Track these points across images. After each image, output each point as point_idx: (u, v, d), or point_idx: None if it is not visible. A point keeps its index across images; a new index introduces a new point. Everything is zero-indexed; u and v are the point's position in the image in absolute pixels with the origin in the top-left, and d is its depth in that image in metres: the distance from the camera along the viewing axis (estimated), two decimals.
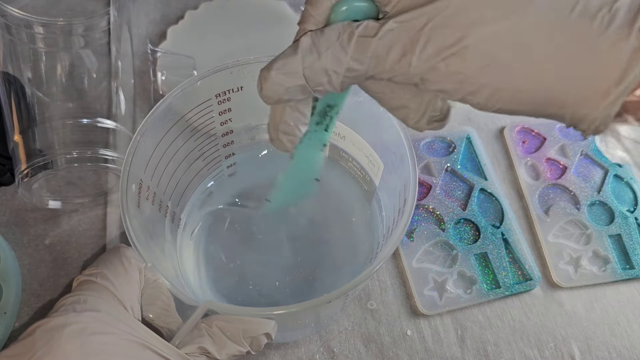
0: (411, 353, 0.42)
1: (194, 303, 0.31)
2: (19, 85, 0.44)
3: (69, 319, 0.28)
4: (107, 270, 0.32)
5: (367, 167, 0.40)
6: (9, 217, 0.45)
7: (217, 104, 0.39)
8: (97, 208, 0.46)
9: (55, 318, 0.29)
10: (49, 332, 0.28)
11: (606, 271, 0.46)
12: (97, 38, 0.47)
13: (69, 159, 0.41)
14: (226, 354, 0.32)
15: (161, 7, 0.58)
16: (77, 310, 0.29)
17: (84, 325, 0.28)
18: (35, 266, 0.44)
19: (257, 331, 0.32)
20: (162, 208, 0.38)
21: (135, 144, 0.34)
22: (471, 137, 0.52)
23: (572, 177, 0.50)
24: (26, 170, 0.41)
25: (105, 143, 0.43)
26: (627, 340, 0.44)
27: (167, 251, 0.39)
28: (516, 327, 0.44)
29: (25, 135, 0.42)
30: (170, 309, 0.33)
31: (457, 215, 0.48)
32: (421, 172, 0.50)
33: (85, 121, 0.43)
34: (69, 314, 0.29)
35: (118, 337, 0.29)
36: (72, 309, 0.29)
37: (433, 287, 0.44)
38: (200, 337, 0.31)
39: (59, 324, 0.28)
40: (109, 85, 0.46)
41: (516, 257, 0.46)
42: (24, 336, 0.28)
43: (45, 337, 0.28)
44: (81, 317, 0.29)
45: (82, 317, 0.29)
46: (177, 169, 0.39)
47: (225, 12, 0.56)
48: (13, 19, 0.44)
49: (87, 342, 0.28)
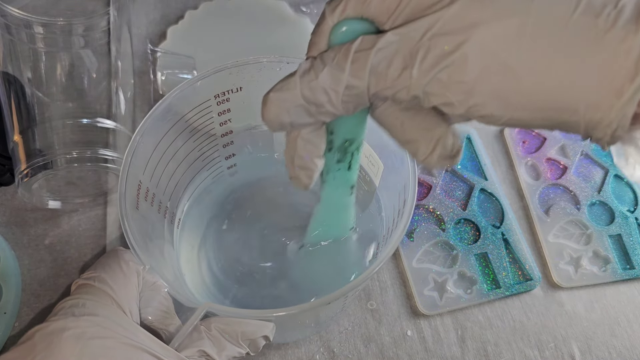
0: (411, 353, 0.42)
1: (192, 305, 0.31)
2: (19, 85, 0.44)
3: (67, 323, 0.28)
4: (106, 274, 0.32)
5: (367, 167, 0.40)
6: (9, 217, 0.46)
7: (216, 105, 0.39)
8: (97, 208, 0.46)
9: (54, 322, 0.29)
10: (48, 336, 0.28)
11: (606, 271, 0.46)
12: (97, 38, 0.47)
13: (68, 159, 0.41)
14: (225, 356, 0.32)
15: (161, 7, 0.58)
16: (75, 314, 0.29)
17: (83, 329, 0.28)
18: (35, 266, 0.44)
19: (255, 334, 0.32)
20: (161, 209, 0.38)
21: (134, 144, 0.34)
22: (471, 137, 0.52)
23: (572, 177, 0.50)
24: (26, 170, 0.41)
25: (105, 143, 0.43)
26: (627, 340, 0.44)
27: (165, 253, 0.39)
28: (516, 327, 0.44)
29: (25, 135, 0.42)
30: (169, 311, 0.33)
31: (457, 216, 0.48)
32: (421, 172, 0.50)
33: (85, 121, 0.43)
34: (68, 318, 0.29)
35: (117, 341, 0.29)
36: (70, 313, 0.29)
37: (433, 287, 0.44)
38: (199, 340, 0.31)
39: (58, 328, 0.28)
40: (109, 85, 0.46)
41: (516, 257, 0.46)
42: (23, 340, 0.28)
43: (45, 342, 0.28)
44: (80, 321, 0.29)
45: (81, 321, 0.29)
46: (177, 170, 0.39)
47: (225, 12, 0.56)
48: (13, 19, 0.44)
49: (86, 347, 0.28)
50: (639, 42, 0.21)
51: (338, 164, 0.30)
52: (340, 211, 0.34)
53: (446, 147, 0.26)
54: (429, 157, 0.26)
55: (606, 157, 0.52)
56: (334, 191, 0.31)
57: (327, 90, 0.24)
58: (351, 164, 0.31)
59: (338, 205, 0.33)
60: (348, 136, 0.29)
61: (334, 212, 0.33)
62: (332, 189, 0.31)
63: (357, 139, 0.30)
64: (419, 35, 0.23)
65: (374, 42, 0.23)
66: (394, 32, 0.23)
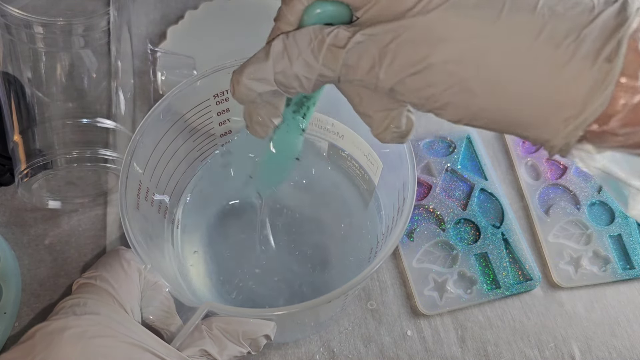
0: (411, 353, 0.42)
1: (194, 304, 0.31)
2: (19, 85, 0.44)
3: (69, 322, 0.28)
4: (107, 273, 0.32)
5: (366, 166, 0.40)
6: (9, 217, 0.45)
7: (215, 104, 0.39)
8: (97, 208, 0.46)
9: (55, 321, 0.29)
10: (49, 335, 0.28)
11: (606, 271, 0.46)
12: (97, 38, 0.47)
13: (68, 159, 0.41)
14: (227, 355, 0.32)
15: (161, 7, 0.58)
16: (77, 313, 0.29)
17: (84, 328, 0.28)
18: (35, 266, 0.44)
19: (256, 333, 0.32)
20: (161, 209, 0.38)
21: (134, 144, 0.34)
22: (471, 137, 0.52)
23: (572, 177, 0.50)
24: (26, 170, 0.41)
25: (105, 143, 0.43)
26: (627, 340, 0.44)
27: (166, 252, 0.39)
28: (516, 327, 0.44)
29: (25, 135, 0.42)
30: (170, 310, 0.33)
31: (457, 215, 0.48)
32: (421, 172, 0.50)
33: (85, 121, 0.43)
34: (69, 317, 0.29)
35: (118, 340, 0.29)
36: (72, 312, 0.29)
37: (433, 287, 0.44)
38: (200, 339, 0.31)
39: (59, 327, 0.28)
40: (109, 85, 0.46)
41: (516, 257, 0.46)
42: (24, 339, 0.28)
43: (45, 341, 0.28)
44: (81, 320, 0.29)
45: (82, 320, 0.29)
46: (176, 169, 0.39)
47: (225, 12, 0.56)
48: (13, 19, 0.44)
49: (88, 346, 0.28)
50: (591, 79, 0.21)
51: (294, 114, 0.31)
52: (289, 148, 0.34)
53: (399, 126, 0.27)
54: (382, 133, 0.27)
55: None
56: (286, 134, 0.32)
57: (299, 77, 0.25)
58: (306, 114, 0.31)
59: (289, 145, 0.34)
60: (308, 96, 0.31)
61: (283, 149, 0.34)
62: (284, 133, 0.32)
63: (315, 95, 0.31)
64: (388, 40, 0.23)
65: (346, 41, 0.24)
66: (363, 32, 0.24)
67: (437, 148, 0.52)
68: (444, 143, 0.52)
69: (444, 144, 0.52)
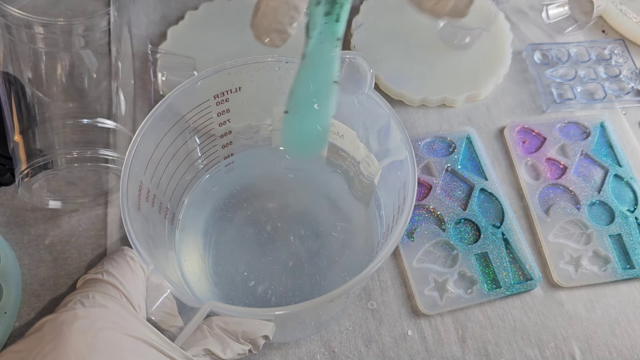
0: (412, 353, 0.42)
1: (195, 305, 0.31)
2: (19, 85, 0.44)
3: (77, 313, 0.28)
4: (113, 269, 0.32)
5: (366, 165, 0.40)
6: (9, 217, 0.45)
7: (216, 105, 0.39)
8: (98, 208, 0.46)
9: (63, 313, 0.28)
10: (58, 326, 0.28)
11: (607, 271, 0.46)
12: (97, 38, 0.47)
13: (69, 159, 0.41)
14: (231, 353, 0.32)
15: (161, 7, 0.58)
16: (85, 306, 0.29)
17: (93, 320, 0.28)
18: (35, 266, 0.44)
19: (255, 333, 0.32)
20: (162, 210, 0.38)
21: (135, 145, 0.34)
22: (471, 137, 0.52)
23: (572, 177, 0.50)
24: (26, 170, 0.41)
25: (105, 143, 0.43)
26: (627, 340, 0.44)
27: (167, 253, 0.39)
28: (517, 327, 0.44)
29: (25, 135, 0.42)
30: (172, 312, 0.33)
31: (457, 215, 0.48)
32: (421, 172, 0.50)
33: (85, 121, 0.43)
34: (78, 309, 0.29)
35: (126, 334, 0.29)
36: (80, 305, 0.29)
37: (434, 287, 0.44)
38: (203, 339, 0.31)
39: (68, 318, 0.28)
40: (109, 85, 0.46)
41: (516, 257, 0.46)
42: (32, 331, 0.28)
43: (54, 332, 0.27)
44: (90, 312, 0.29)
45: (90, 312, 0.29)
46: (177, 170, 0.39)
47: (225, 12, 0.56)
48: (13, 19, 0.44)
49: (96, 337, 0.27)
50: None
51: (325, 17, 0.28)
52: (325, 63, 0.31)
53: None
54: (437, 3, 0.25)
55: (606, 157, 0.52)
56: (319, 46, 0.29)
57: None
58: (340, 16, 0.28)
59: (324, 59, 0.31)
60: None
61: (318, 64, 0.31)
62: (317, 45, 0.29)
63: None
64: None
65: None
66: None
67: (437, 148, 0.52)
68: (444, 143, 0.52)
69: (444, 144, 0.52)
